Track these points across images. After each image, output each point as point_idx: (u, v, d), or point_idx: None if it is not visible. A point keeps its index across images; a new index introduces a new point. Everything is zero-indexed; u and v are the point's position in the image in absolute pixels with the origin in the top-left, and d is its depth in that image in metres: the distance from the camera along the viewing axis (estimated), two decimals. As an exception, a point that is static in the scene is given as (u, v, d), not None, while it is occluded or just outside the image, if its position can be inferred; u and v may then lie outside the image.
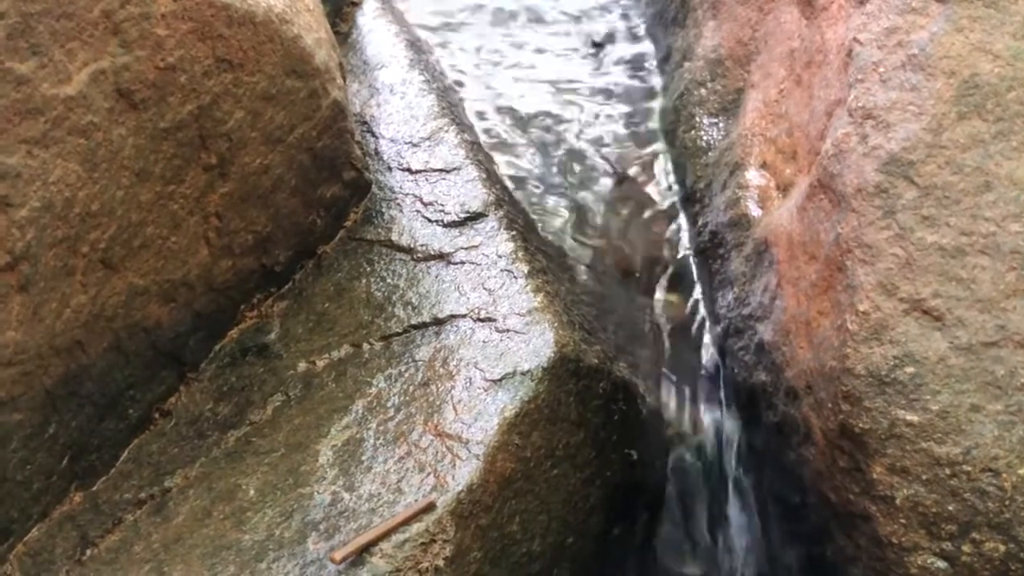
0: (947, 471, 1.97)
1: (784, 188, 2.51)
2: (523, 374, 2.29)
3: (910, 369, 2.00)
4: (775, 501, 2.44)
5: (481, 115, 3.25)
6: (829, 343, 2.12)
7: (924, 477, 1.98)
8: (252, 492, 2.21)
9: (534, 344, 2.34)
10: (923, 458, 1.98)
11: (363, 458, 2.23)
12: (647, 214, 3.01)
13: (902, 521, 2.00)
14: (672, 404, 2.62)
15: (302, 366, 2.47)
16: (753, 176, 2.63)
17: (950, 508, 1.97)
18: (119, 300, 2.25)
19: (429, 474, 2.16)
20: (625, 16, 3.66)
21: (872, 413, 2.02)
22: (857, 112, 2.16)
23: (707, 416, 2.61)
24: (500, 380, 2.29)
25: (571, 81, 3.44)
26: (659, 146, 3.15)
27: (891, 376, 2.01)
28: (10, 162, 1.97)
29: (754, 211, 2.59)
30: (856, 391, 2.04)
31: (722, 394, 2.62)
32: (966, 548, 1.97)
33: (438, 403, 2.29)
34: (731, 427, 2.57)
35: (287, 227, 2.59)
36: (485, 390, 2.28)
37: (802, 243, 2.29)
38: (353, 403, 2.35)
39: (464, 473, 2.15)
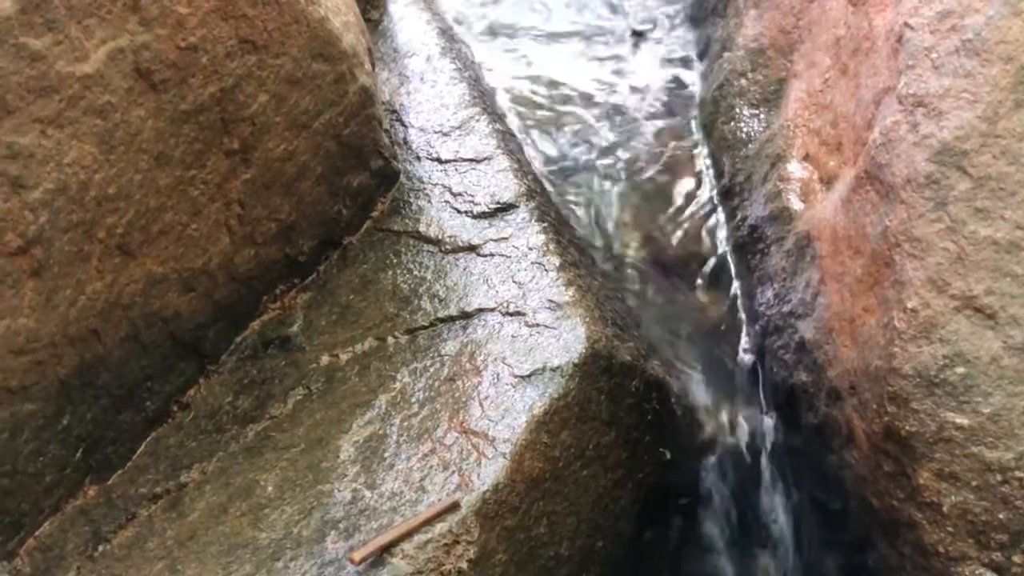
0: (998, 477, 1.88)
1: (828, 181, 2.42)
2: (553, 370, 2.22)
3: (960, 369, 1.91)
4: (814, 506, 2.36)
5: (514, 104, 3.18)
6: (875, 342, 2.03)
7: (974, 483, 1.89)
8: (270, 488, 2.14)
9: (565, 339, 2.27)
10: (973, 463, 1.89)
11: (385, 455, 2.15)
12: (684, 208, 2.93)
13: (949, 529, 1.92)
14: (707, 404, 2.54)
15: (325, 359, 2.40)
16: (795, 168, 2.54)
17: (1001, 516, 1.88)
18: (137, 288, 2.18)
19: (453, 473, 2.08)
20: (665, 5, 3.57)
21: (919, 415, 1.93)
22: (908, 99, 2.07)
23: (744, 417, 2.53)
24: (529, 376, 2.22)
25: (609, 71, 3.36)
26: (697, 138, 3.07)
27: (940, 377, 1.92)
28: (23, 142, 1.90)
29: (796, 204, 2.50)
30: (903, 392, 1.95)
31: (760, 394, 2.54)
32: (1017, 559, 1.89)
33: (464, 399, 2.21)
34: (769, 428, 2.49)
35: (312, 216, 2.52)
36: (513, 386, 2.21)
37: (847, 237, 2.20)
38: (376, 398, 2.27)
39: (490, 472, 2.07)
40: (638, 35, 3.49)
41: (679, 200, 2.95)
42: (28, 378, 2.01)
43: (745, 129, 2.85)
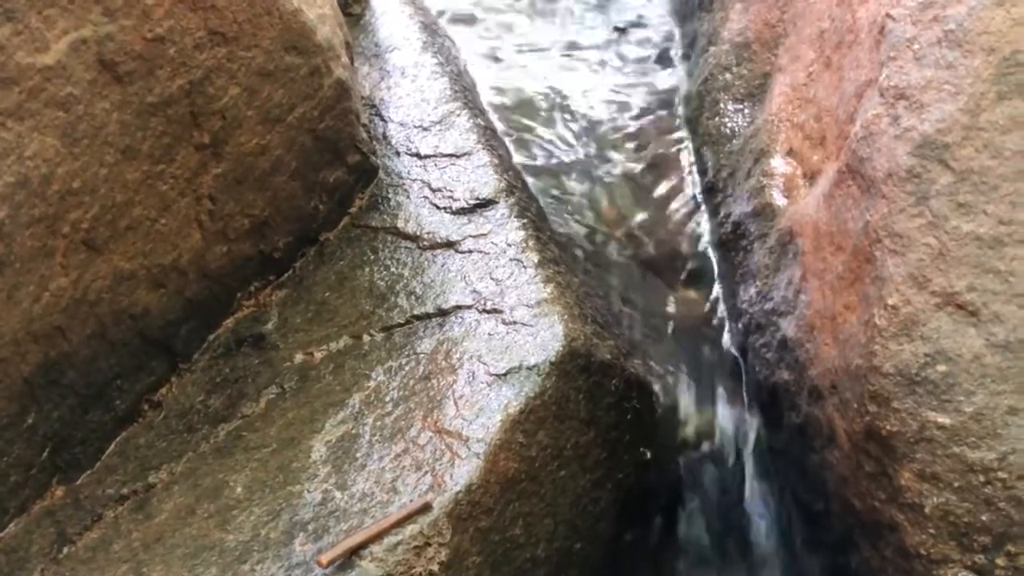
0: (981, 478, 1.83)
1: (811, 176, 2.38)
2: (529, 369, 2.17)
3: (942, 368, 1.86)
4: (796, 507, 2.32)
5: (495, 99, 3.14)
6: (856, 340, 1.98)
7: (956, 484, 1.84)
8: (239, 489, 2.10)
9: (542, 337, 2.22)
10: (955, 464, 1.84)
11: (357, 455, 2.11)
12: (667, 204, 2.89)
13: (931, 531, 1.87)
14: (689, 403, 2.50)
15: (299, 358, 2.36)
16: (779, 163, 2.50)
17: (983, 518, 1.83)
18: (103, 284, 2.14)
19: (426, 473, 2.04)
20: (651, 1, 3.53)
21: (901, 415, 1.89)
22: (889, 92, 2.02)
23: (726, 416, 2.49)
24: (505, 375, 2.17)
25: (591, 67, 3.32)
26: (682, 133, 3.04)
27: (922, 375, 1.88)
28: (-18, 134, 1.86)
29: (779, 200, 2.46)
30: (884, 391, 1.91)
31: (743, 393, 2.49)
32: (1000, 561, 1.84)
33: (439, 398, 2.17)
34: (751, 428, 2.45)
35: (287, 212, 2.48)
36: (488, 385, 2.16)
37: (828, 233, 2.16)
38: (350, 397, 2.23)
39: (463, 472, 2.03)
40: (620, 31, 3.45)
41: (662, 196, 2.91)
42: (-10, 376, 1.97)
43: (729, 124, 2.81)
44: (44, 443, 2.10)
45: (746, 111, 2.78)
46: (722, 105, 2.85)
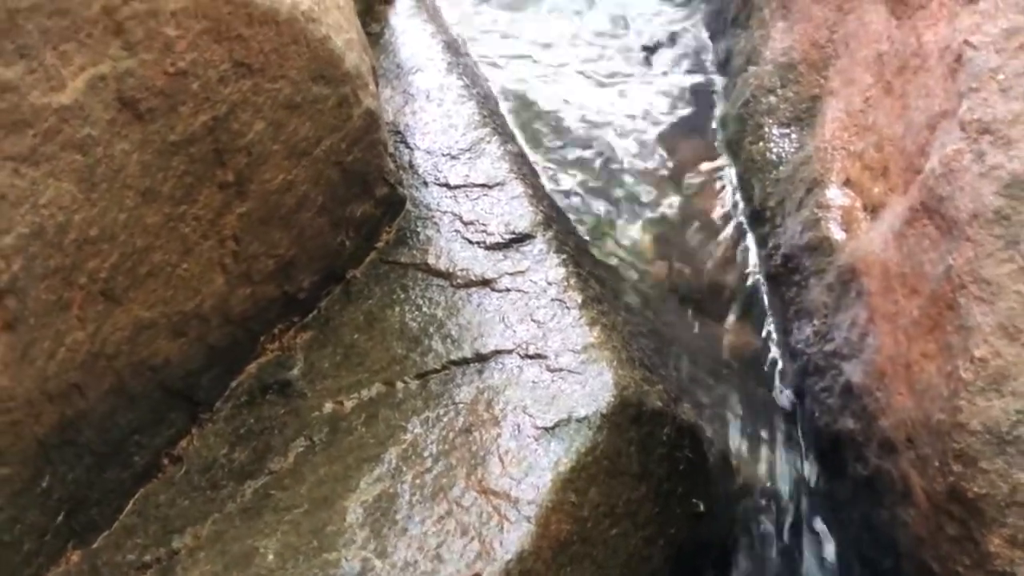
0: (1079, 545, 1.69)
1: (872, 209, 2.24)
2: (579, 421, 2.02)
3: (1037, 427, 1.72)
4: (861, 564, 2.19)
5: (525, 125, 2.99)
6: (936, 392, 1.84)
7: (1051, 552, 1.70)
8: (271, 557, 1.94)
9: (591, 386, 2.07)
10: (1051, 530, 1.70)
11: (397, 517, 1.96)
12: (709, 233, 2.74)
13: (1024, 602, 1.73)
14: (742, 449, 2.37)
15: (328, 407, 2.20)
16: (835, 194, 2.36)
17: (1080, 588, 1.69)
18: (122, 336, 1.99)
19: (473, 539, 1.89)
20: (679, 17, 3.38)
21: (990, 476, 1.76)
22: (971, 126, 1.88)
23: (781, 463, 2.35)
24: (553, 428, 2.03)
25: (620, 87, 3.17)
26: (721, 159, 2.88)
27: (1014, 434, 1.75)
28: (-7, 182, 1.71)
29: (837, 234, 2.32)
30: (971, 450, 1.77)
31: (798, 438, 2.35)
32: (1096, 634, 1.70)
33: (482, 454, 2.02)
34: (810, 477, 2.30)
35: (312, 250, 2.33)
36: (536, 439, 2.02)
37: (900, 274, 2.01)
38: (385, 451, 2.08)
39: (513, 539, 1.88)
40: (649, 50, 3.30)
41: (703, 225, 2.77)
42: (2, 441, 1.81)
43: (775, 150, 2.66)
44: (59, 506, 1.95)
45: (793, 136, 2.63)
46: (766, 129, 2.71)
